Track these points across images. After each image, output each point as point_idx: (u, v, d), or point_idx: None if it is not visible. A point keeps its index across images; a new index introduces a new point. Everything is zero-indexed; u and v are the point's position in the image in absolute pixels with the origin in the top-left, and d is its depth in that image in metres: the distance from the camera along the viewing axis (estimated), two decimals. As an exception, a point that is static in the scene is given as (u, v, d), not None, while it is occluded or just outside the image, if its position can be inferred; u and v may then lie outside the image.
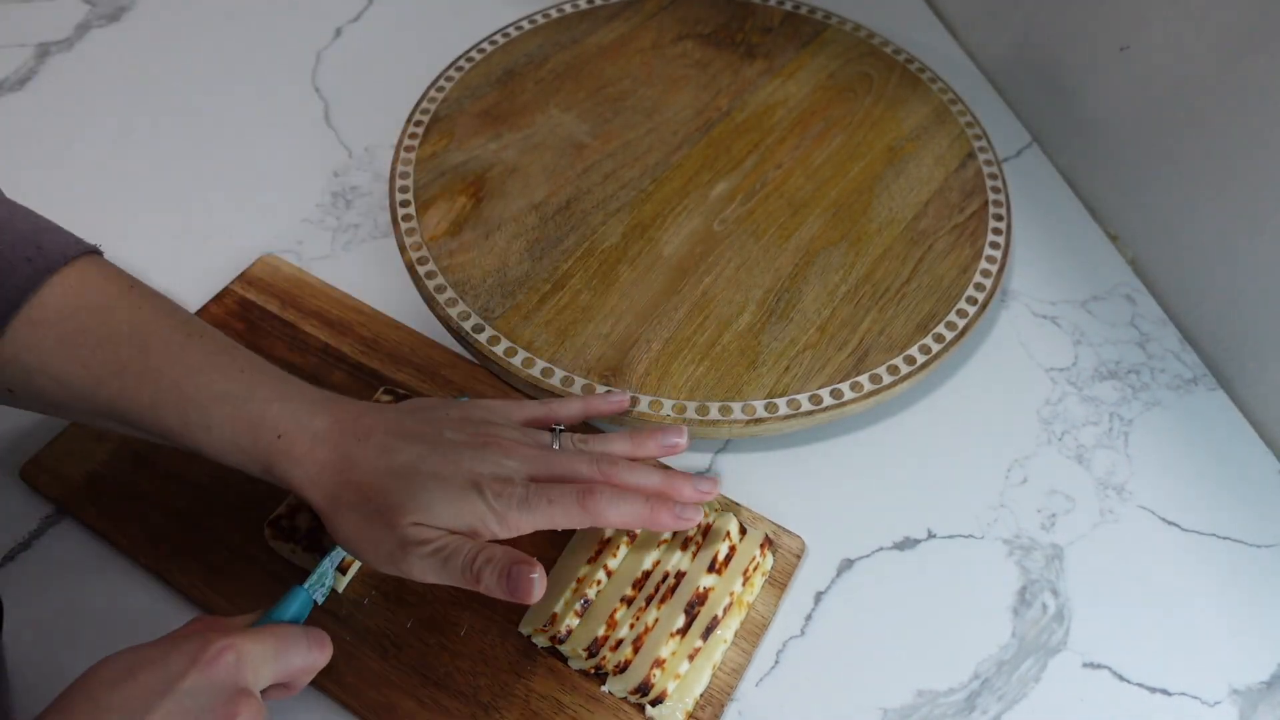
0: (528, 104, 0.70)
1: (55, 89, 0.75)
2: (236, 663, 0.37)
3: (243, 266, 0.63)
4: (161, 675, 0.36)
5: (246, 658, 0.37)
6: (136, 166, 0.70)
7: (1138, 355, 0.63)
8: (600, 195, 0.65)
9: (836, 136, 0.70)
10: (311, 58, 0.78)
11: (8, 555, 0.51)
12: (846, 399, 0.55)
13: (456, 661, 0.48)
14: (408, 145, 0.67)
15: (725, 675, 0.48)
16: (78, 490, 0.52)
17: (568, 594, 0.48)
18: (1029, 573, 0.53)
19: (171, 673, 0.36)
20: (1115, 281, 0.66)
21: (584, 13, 0.77)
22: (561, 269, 0.61)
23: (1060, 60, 0.72)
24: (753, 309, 0.59)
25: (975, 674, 0.50)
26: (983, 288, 0.60)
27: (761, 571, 0.51)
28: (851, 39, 0.76)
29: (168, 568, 0.50)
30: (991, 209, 0.65)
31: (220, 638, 0.37)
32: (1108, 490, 0.57)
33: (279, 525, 0.49)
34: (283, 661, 0.39)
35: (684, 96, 0.72)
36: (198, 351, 0.44)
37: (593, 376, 0.56)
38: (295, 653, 0.40)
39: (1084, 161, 0.71)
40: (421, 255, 0.61)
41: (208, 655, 0.36)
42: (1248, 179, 0.57)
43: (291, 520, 0.49)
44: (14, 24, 0.78)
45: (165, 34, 0.79)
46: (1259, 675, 0.50)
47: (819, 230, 0.64)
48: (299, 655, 0.40)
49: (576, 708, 0.47)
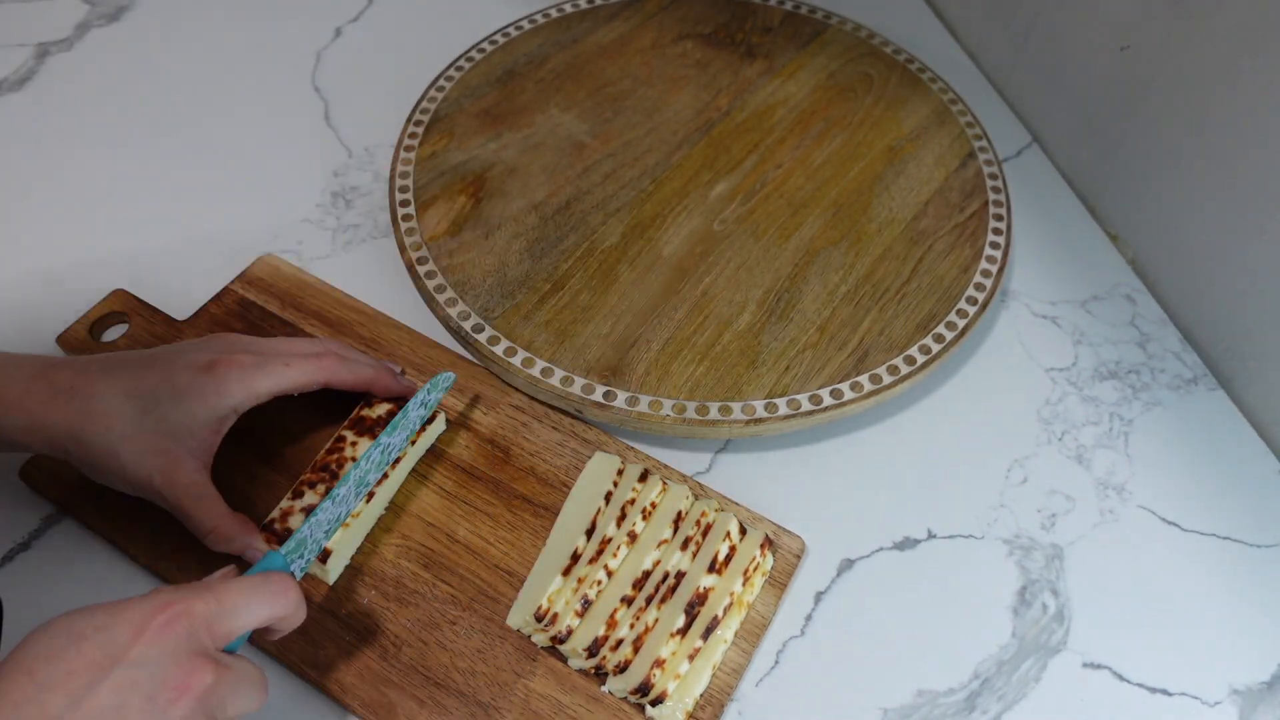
0: (528, 104, 0.70)
1: (55, 89, 0.75)
2: (189, 627, 0.34)
3: (243, 266, 0.63)
4: (107, 644, 0.33)
5: (199, 619, 0.35)
6: (136, 166, 0.70)
7: (1138, 355, 0.63)
8: (600, 195, 0.65)
9: (837, 136, 0.70)
10: (311, 58, 0.78)
11: (8, 555, 0.51)
12: (846, 399, 0.55)
13: (456, 661, 0.48)
14: (407, 145, 0.67)
15: (725, 675, 0.48)
16: (78, 490, 0.52)
17: (556, 585, 0.48)
18: (1029, 573, 0.53)
19: (118, 641, 0.33)
20: (1115, 281, 0.66)
21: (584, 12, 0.77)
22: (561, 269, 0.61)
23: (1060, 60, 0.72)
24: (753, 309, 0.59)
25: (975, 674, 0.50)
26: (983, 288, 0.60)
27: (761, 571, 0.51)
28: (852, 39, 0.76)
29: (168, 568, 0.50)
30: (991, 209, 0.65)
31: (170, 602, 0.35)
32: (1108, 490, 0.57)
33: (272, 528, 0.49)
34: (242, 616, 0.37)
35: (684, 96, 0.72)
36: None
37: (592, 376, 0.56)
38: (256, 605, 0.37)
39: (1084, 161, 0.71)
40: (421, 255, 0.61)
41: (156, 622, 0.34)
42: (1248, 179, 0.57)
43: (285, 523, 0.49)
44: (14, 24, 0.78)
45: (165, 34, 0.79)
46: (1259, 675, 0.50)
47: (819, 230, 0.64)
48: (261, 607, 0.37)
49: (576, 708, 0.47)
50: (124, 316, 0.59)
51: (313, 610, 0.49)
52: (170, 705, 0.33)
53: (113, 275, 0.62)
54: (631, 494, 0.51)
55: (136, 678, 0.33)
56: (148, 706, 0.32)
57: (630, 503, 0.51)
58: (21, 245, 0.64)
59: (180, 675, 0.33)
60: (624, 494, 0.52)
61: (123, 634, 0.33)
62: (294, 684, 0.48)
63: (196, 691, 0.34)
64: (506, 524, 0.52)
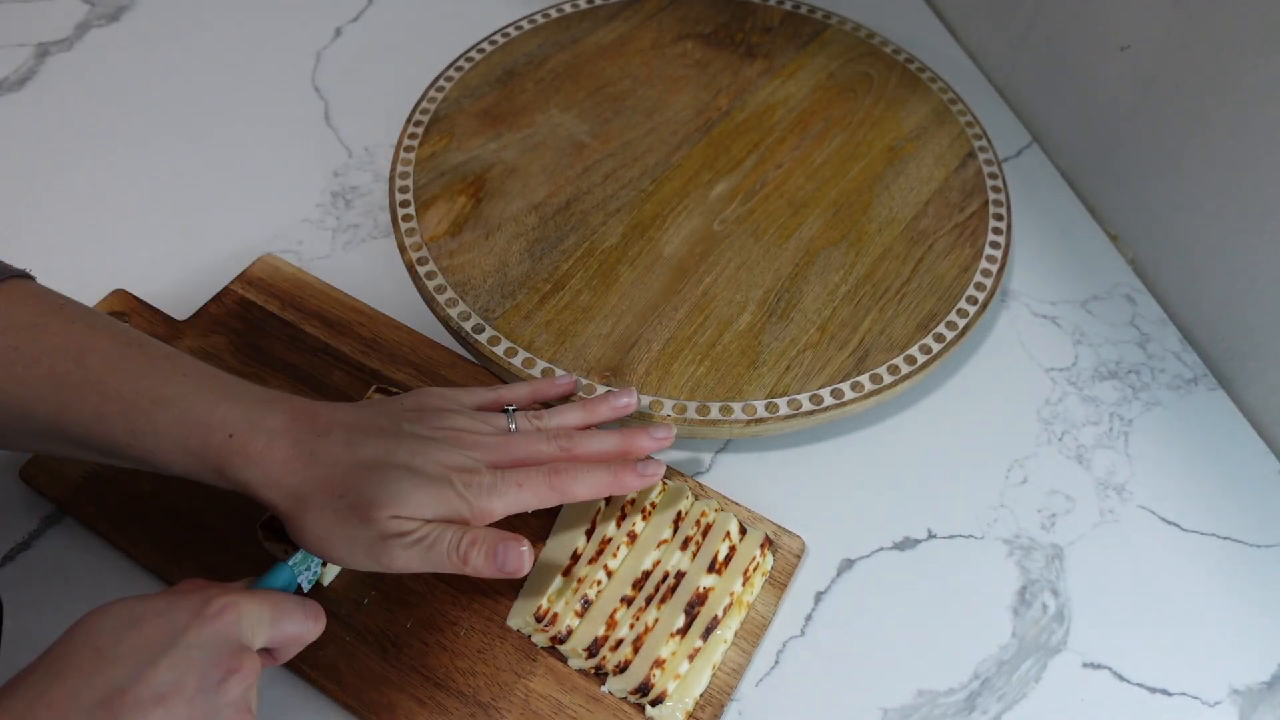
0: (528, 104, 0.70)
1: (55, 89, 0.75)
2: (238, 619, 0.37)
3: (243, 266, 0.63)
4: (167, 626, 0.36)
5: (246, 616, 0.37)
6: (136, 166, 0.70)
7: (1138, 355, 0.63)
8: (600, 195, 0.65)
9: (837, 136, 0.70)
10: (311, 58, 0.78)
11: (8, 555, 0.51)
12: (847, 399, 0.55)
13: (456, 661, 0.48)
14: (407, 145, 0.67)
15: (725, 675, 0.48)
16: (78, 490, 0.52)
17: (557, 585, 0.48)
18: (1029, 573, 0.53)
19: (176, 625, 0.36)
20: (1115, 281, 0.66)
21: (584, 12, 0.77)
22: (561, 269, 0.61)
23: (1060, 60, 0.72)
24: (753, 309, 0.59)
25: (975, 674, 0.50)
26: (983, 287, 0.60)
27: (761, 571, 0.51)
28: (852, 39, 0.76)
29: (168, 568, 0.50)
30: (991, 209, 0.65)
31: (222, 594, 0.37)
32: (1108, 490, 0.57)
33: (271, 526, 0.49)
34: (279, 626, 0.39)
35: (684, 96, 0.72)
36: (137, 359, 0.43)
37: (593, 377, 0.56)
38: (291, 619, 0.40)
39: (1084, 161, 0.71)
40: (421, 255, 0.61)
41: (211, 610, 0.36)
42: (1248, 179, 0.57)
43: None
44: (14, 24, 0.78)
45: (165, 34, 0.79)
46: (1259, 675, 0.50)
47: (819, 230, 0.64)
48: (294, 623, 0.40)
49: (576, 708, 0.47)
50: (124, 316, 0.59)
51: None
52: (221, 684, 0.35)
53: (113, 275, 0.62)
54: (631, 494, 0.51)
55: (193, 657, 0.35)
56: (201, 684, 0.35)
57: (630, 503, 0.51)
58: (21, 245, 0.64)
59: (230, 660, 0.36)
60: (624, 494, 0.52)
61: (180, 619, 0.36)
62: (294, 684, 0.48)
63: (242, 677, 0.36)
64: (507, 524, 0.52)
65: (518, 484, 0.44)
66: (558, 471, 0.45)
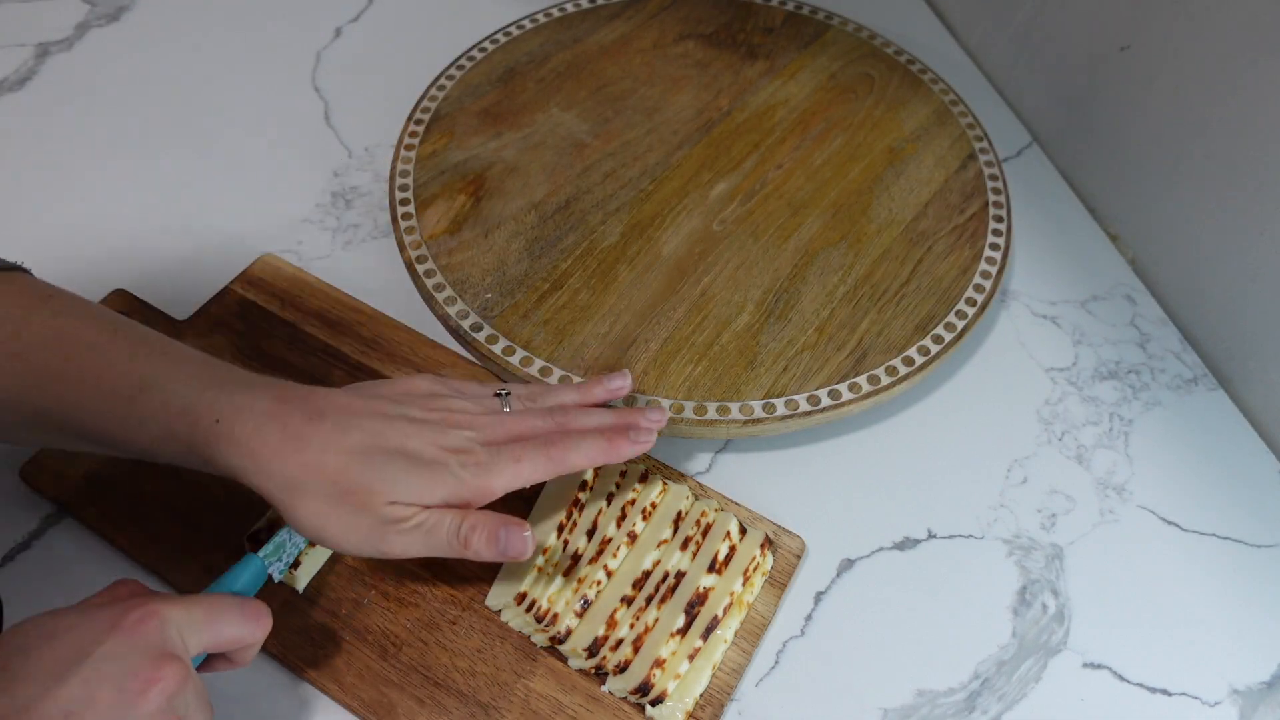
0: (528, 103, 0.70)
1: (55, 89, 0.75)
2: (160, 627, 0.35)
3: (243, 266, 0.63)
4: (80, 640, 0.34)
5: (171, 623, 0.36)
6: (136, 166, 0.70)
7: (1138, 355, 0.63)
8: (600, 195, 0.65)
9: (837, 137, 0.70)
10: (311, 58, 0.78)
11: (8, 555, 0.51)
12: (844, 400, 0.55)
13: (456, 661, 0.48)
14: (408, 144, 0.67)
15: (725, 675, 0.48)
16: (78, 490, 0.52)
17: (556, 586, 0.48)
18: (1029, 573, 0.53)
19: (89, 637, 0.34)
20: (1115, 281, 0.66)
21: (585, 12, 0.77)
22: (560, 268, 0.61)
23: (1060, 60, 0.72)
24: (751, 309, 0.59)
25: (975, 674, 0.50)
26: (982, 289, 0.60)
27: (761, 571, 0.51)
28: (853, 40, 0.76)
29: (168, 568, 0.50)
30: (992, 210, 0.65)
31: (142, 602, 0.36)
32: (1108, 490, 0.57)
33: (258, 539, 0.49)
34: (212, 631, 0.37)
35: (685, 96, 0.72)
36: (122, 346, 0.43)
37: (591, 375, 0.56)
38: (226, 622, 0.38)
39: (1084, 161, 0.71)
40: (420, 253, 0.61)
41: (128, 620, 0.35)
42: (1248, 179, 0.57)
43: (271, 532, 0.49)
44: (14, 24, 0.78)
45: (165, 34, 0.79)
46: (1259, 675, 0.50)
47: (818, 231, 0.64)
48: (230, 625, 0.38)
49: (576, 708, 0.47)
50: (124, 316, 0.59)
51: (313, 610, 0.49)
52: (138, 697, 0.34)
53: (113, 275, 0.62)
54: (632, 494, 0.51)
55: (106, 671, 0.33)
56: (116, 699, 0.33)
57: (630, 503, 0.51)
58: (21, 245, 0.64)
59: (149, 670, 0.34)
60: (624, 494, 0.52)
61: (94, 631, 0.34)
62: (294, 684, 0.48)
63: (164, 686, 0.34)
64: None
65: (514, 459, 0.44)
66: (553, 443, 0.44)
